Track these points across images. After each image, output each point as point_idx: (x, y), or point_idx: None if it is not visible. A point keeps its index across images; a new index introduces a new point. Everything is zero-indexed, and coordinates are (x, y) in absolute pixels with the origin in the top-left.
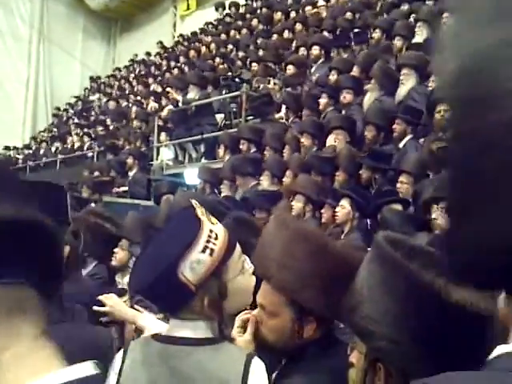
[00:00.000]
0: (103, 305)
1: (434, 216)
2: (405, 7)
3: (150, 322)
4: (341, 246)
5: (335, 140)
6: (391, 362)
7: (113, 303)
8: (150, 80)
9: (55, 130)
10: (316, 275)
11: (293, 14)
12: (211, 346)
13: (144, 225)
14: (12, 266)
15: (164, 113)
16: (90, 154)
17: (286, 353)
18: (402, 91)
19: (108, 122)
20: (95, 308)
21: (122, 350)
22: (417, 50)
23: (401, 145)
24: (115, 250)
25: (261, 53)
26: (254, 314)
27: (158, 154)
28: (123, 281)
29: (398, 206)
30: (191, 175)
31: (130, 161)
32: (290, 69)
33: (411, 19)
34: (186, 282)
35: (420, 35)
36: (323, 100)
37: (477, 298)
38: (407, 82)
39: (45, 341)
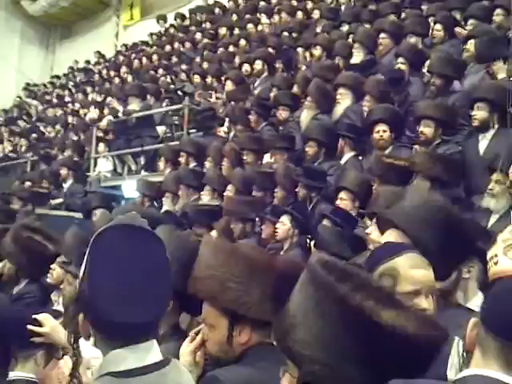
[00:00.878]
0: (40, 324)
1: (368, 231)
2: (344, 28)
3: (85, 349)
4: (251, 248)
5: (272, 157)
6: None
7: (51, 325)
8: (90, 89)
9: None
10: (231, 278)
11: (236, 31)
12: (172, 362)
13: (81, 242)
14: None
15: (103, 123)
16: (23, 163)
17: (230, 363)
18: (338, 110)
19: (44, 129)
20: (31, 327)
21: None
22: (354, 71)
23: (342, 161)
24: (52, 266)
25: (205, 66)
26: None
27: (95, 165)
28: (59, 300)
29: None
30: (130, 188)
31: (63, 172)
32: (229, 85)
33: (350, 40)
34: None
35: (357, 56)
36: (253, 116)
37: (405, 321)
38: (343, 102)
39: None
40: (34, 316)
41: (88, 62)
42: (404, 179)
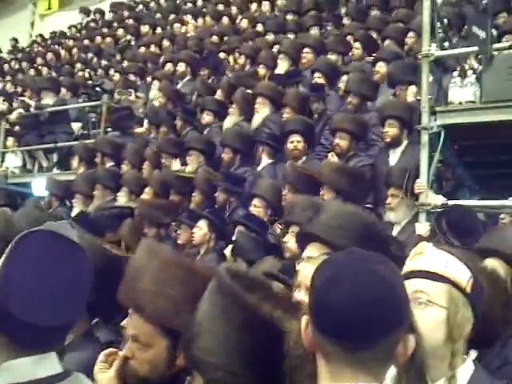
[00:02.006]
0: None
1: (285, 239)
2: (270, 37)
3: None
4: (209, 269)
5: (188, 158)
6: None
7: None
8: (0, 78)
9: None
10: (188, 300)
11: (159, 30)
12: (73, 376)
13: None
14: None
15: (13, 116)
16: None
17: None
18: (257, 119)
19: None
20: None
21: None
22: (277, 81)
23: (259, 168)
24: None
25: (125, 64)
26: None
27: (2, 160)
28: None
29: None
30: (40, 186)
31: None
32: (156, 84)
33: (274, 50)
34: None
35: (282, 66)
36: (179, 122)
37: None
38: (261, 111)
39: None
40: None
41: (0, 50)
42: (314, 189)
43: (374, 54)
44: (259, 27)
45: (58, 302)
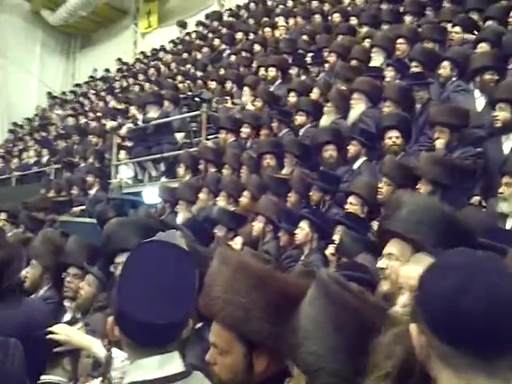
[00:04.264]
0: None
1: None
2: (363, 30)
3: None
4: (283, 277)
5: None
6: None
7: (67, 331)
8: (109, 97)
9: (11, 146)
10: (259, 307)
11: (251, 36)
12: (194, 374)
13: (90, 250)
14: None
15: (123, 131)
16: (48, 171)
17: None
18: (353, 115)
19: (66, 138)
20: (51, 337)
21: None
22: (371, 74)
23: (355, 166)
24: (67, 279)
25: (221, 72)
26: None
27: (116, 172)
28: (72, 305)
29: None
30: (150, 194)
31: (90, 179)
32: (246, 90)
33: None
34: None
35: (376, 60)
36: (275, 124)
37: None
38: (357, 106)
39: None
40: (48, 329)
41: (107, 70)
42: (412, 183)
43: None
44: (353, 20)
45: (169, 302)
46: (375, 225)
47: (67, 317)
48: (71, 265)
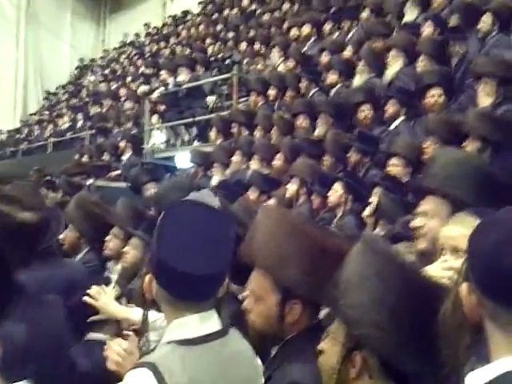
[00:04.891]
0: (94, 298)
1: None
2: None
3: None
4: (321, 232)
5: (319, 121)
6: (374, 349)
7: (105, 300)
8: (140, 62)
9: (46, 112)
10: (294, 255)
11: None
12: (232, 330)
13: (135, 214)
14: None
15: (154, 95)
16: (82, 137)
17: (275, 340)
18: (389, 73)
19: (99, 104)
20: (88, 301)
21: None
22: (407, 30)
23: (392, 126)
24: (107, 238)
25: (251, 33)
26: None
27: (149, 137)
28: (115, 268)
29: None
30: (182, 159)
31: (122, 144)
32: (275, 51)
33: None
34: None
35: (410, 14)
36: (303, 84)
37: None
38: (394, 64)
39: None
40: (87, 291)
41: (138, 34)
42: (460, 141)
43: None
44: None
45: (207, 255)
46: None
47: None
48: (114, 225)
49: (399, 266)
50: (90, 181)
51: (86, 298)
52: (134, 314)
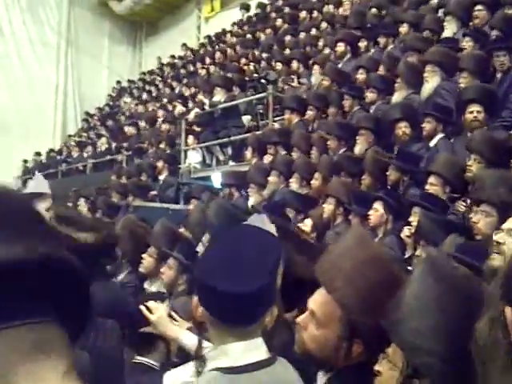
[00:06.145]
0: (149, 311)
1: (474, 219)
2: (434, 1)
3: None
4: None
5: (358, 138)
6: (434, 380)
7: (159, 315)
8: (176, 83)
9: (85, 134)
10: (382, 303)
11: (315, 14)
12: (279, 360)
13: (172, 234)
14: (37, 303)
15: (191, 116)
16: (119, 158)
17: (324, 366)
18: (426, 89)
19: (136, 125)
20: (142, 308)
21: None
22: (446, 45)
23: (431, 144)
24: (143, 255)
25: (286, 52)
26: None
27: (185, 157)
28: (151, 288)
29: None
30: (219, 178)
31: (160, 164)
32: (316, 69)
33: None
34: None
35: (449, 29)
36: (347, 101)
37: None
38: (431, 80)
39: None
40: (146, 303)
41: (173, 56)
42: (506, 160)
43: None
44: None
45: (246, 273)
46: (460, 205)
47: None
48: (151, 246)
49: (460, 293)
50: (125, 201)
51: (142, 308)
52: (185, 336)
